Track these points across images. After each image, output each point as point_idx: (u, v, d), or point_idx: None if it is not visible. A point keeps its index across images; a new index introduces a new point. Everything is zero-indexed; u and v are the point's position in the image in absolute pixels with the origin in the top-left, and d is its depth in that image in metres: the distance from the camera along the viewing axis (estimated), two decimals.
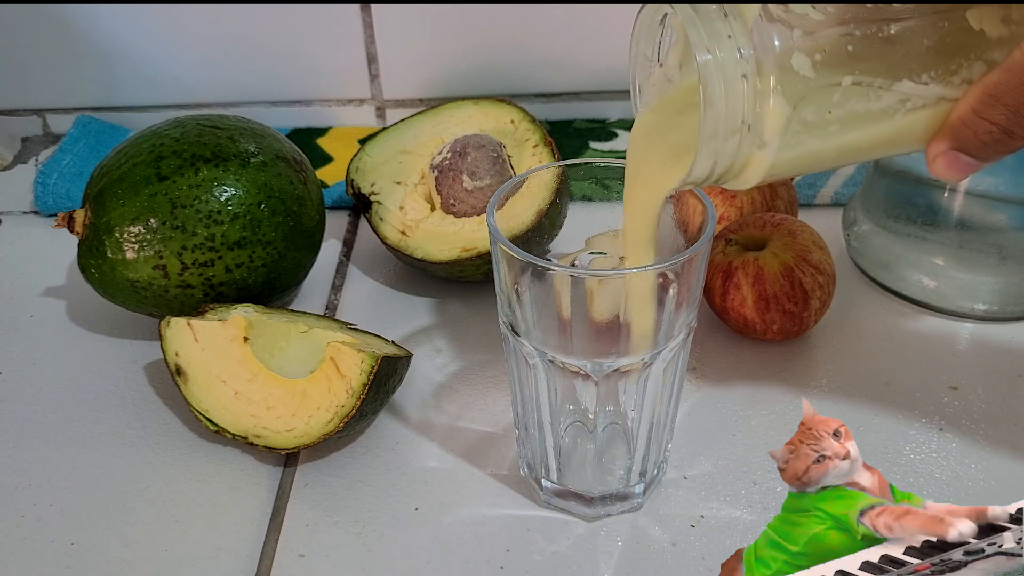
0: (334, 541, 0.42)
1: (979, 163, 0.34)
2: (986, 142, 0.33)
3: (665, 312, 0.39)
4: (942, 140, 0.34)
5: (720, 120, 0.32)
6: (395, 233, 0.55)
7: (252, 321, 0.46)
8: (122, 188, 0.48)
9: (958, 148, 0.33)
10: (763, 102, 0.32)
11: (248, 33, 0.69)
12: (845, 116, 0.32)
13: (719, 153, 0.32)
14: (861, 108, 0.32)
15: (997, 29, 0.33)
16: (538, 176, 0.50)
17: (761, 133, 0.32)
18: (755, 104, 0.32)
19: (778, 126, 0.32)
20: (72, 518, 0.44)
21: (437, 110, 0.59)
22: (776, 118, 0.32)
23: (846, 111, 0.32)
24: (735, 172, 0.33)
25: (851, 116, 0.32)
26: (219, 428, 0.45)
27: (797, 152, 0.33)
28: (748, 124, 0.32)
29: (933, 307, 0.53)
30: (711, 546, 0.41)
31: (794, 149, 0.33)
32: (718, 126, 0.32)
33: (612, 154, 0.68)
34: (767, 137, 0.32)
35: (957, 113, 0.33)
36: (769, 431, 0.46)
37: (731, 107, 0.31)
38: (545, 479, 0.42)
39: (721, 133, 0.32)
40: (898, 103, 0.33)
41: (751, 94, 0.31)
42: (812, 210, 0.62)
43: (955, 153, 0.34)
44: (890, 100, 0.33)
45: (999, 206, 0.51)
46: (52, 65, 0.71)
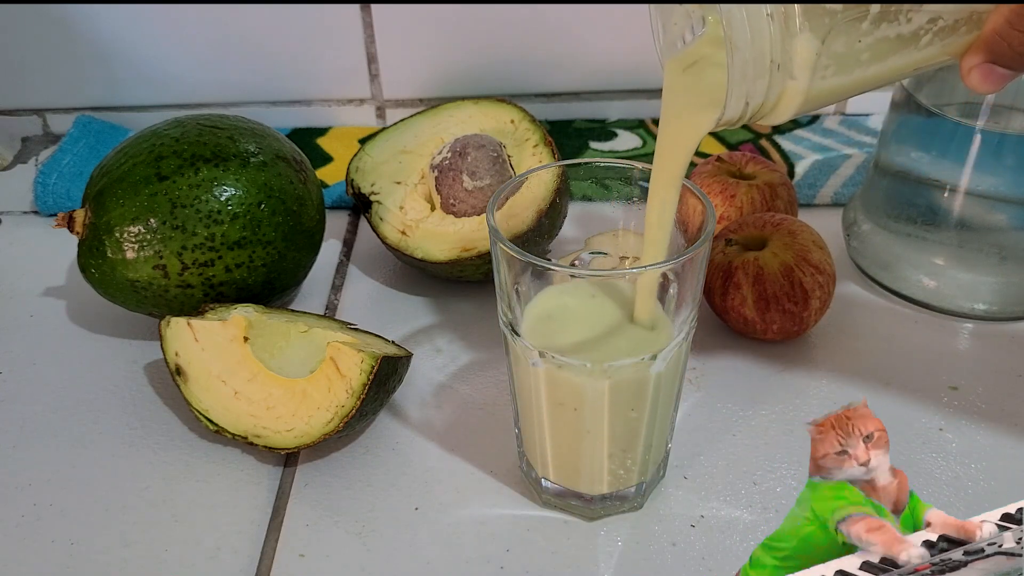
0: (334, 541, 0.42)
1: (1014, 74, 0.34)
2: (1021, 52, 0.33)
3: (666, 310, 0.39)
4: (976, 53, 0.34)
5: (748, 64, 0.31)
6: (395, 233, 0.55)
7: (252, 321, 0.46)
8: (122, 188, 0.48)
9: (993, 60, 0.34)
10: (790, 40, 0.31)
11: (248, 33, 0.69)
12: (875, 43, 0.32)
13: (751, 94, 0.32)
14: (892, 33, 0.32)
15: None
16: (538, 176, 0.50)
17: (791, 70, 0.32)
18: (783, 43, 0.31)
19: (808, 62, 0.31)
20: (72, 518, 0.44)
21: (437, 110, 0.59)
22: (805, 55, 0.31)
23: (876, 38, 0.32)
24: (768, 108, 0.33)
25: (882, 42, 0.32)
26: (219, 428, 0.45)
27: (831, 83, 0.32)
28: (778, 63, 0.32)
29: (933, 307, 0.53)
30: (711, 546, 0.41)
31: (827, 81, 0.32)
32: (747, 69, 0.31)
33: (612, 154, 0.68)
34: (797, 73, 0.32)
35: (991, 25, 0.33)
36: (769, 431, 0.46)
37: (758, 49, 0.31)
38: (545, 479, 0.42)
39: (751, 76, 0.32)
40: (928, 23, 0.33)
41: (778, 34, 0.31)
42: (812, 210, 0.62)
43: (989, 65, 0.34)
44: (920, 21, 0.32)
45: (999, 206, 0.51)
46: (52, 65, 0.71)
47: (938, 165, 0.51)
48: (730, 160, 0.56)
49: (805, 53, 0.31)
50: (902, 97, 0.53)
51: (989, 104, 0.49)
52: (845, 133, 0.69)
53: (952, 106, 0.51)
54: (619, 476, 0.41)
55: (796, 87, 0.32)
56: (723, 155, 0.56)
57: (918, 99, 0.51)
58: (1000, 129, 0.49)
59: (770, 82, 0.32)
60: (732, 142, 0.69)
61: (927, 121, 0.51)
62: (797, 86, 0.32)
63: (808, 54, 0.31)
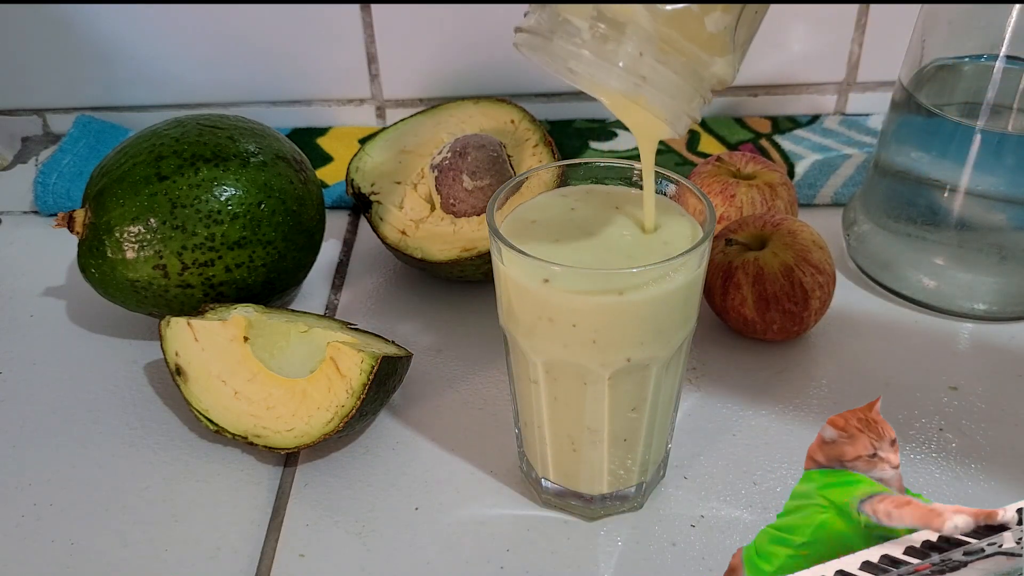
0: (334, 541, 0.42)
1: None
2: None
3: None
4: None
5: (675, 112, 0.34)
6: (395, 233, 0.55)
7: (252, 321, 0.46)
8: (122, 188, 0.48)
9: None
10: (707, 75, 0.34)
11: (248, 33, 0.69)
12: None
13: (690, 112, 0.34)
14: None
15: None
16: (538, 176, 0.50)
17: (715, 81, 0.34)
18: (701, 85, 0.34)
19: (730, 71, 0.34)
20: (72, 518, 0.44)
21: (437, 110, 0.59)
22: (726, 70, 0.34)
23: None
24: (711, 93, 0.35)
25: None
26: (219, 428, 0.45)
27: (746, 35, 0.34)
28: (702, 96, 0.34)
29: (933, 307, 0.53)
30: (711, 546, 0.41)
31: (746, 44, 0.35)
32: (677, 113, 0.34)
33: (612, 154, 0.68)
34: (724, 77, 0.34)
35: None
36: (769, 431, 0.46)
37: (680, 104, 0.34)
38: (545, 479, 0.42)
39: (683, 111, 0.34)
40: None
41: (694, 83, 0.34)
42: (812, 210, 0.62)
43: None
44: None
45: (999, 206, 0.51)
46: (52, 65, 0.71)
47: (938, 165, 0.51)
48: (730, 160, 0.56)
49: (725, 68, 0.34)
50: (902, 97, 0.53)
51: (989, 104, 0.49)
52: (845, 133, 0.69)
53: (952, 106, 0.51)
54: (619, 476, 0.41)
55: (728, 71, 0.34)
56: (723, 155, 0.56)
57: (918, 99, 0.51)
58: (1000, 129, 0.49)
59: (704, 97, 0.34)
60: (732, 142, 0.69)
61: (927, 121, 0.51)
62: (728, 71, 0.34)
63: (729, 67, 0.34)
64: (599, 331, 0.36)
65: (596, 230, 0.38)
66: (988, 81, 0.49)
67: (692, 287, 0.37)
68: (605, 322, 0.36)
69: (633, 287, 0.35)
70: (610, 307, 0.35)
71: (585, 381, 0.38)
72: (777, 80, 0.71)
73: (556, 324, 0.36)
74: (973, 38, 0.50)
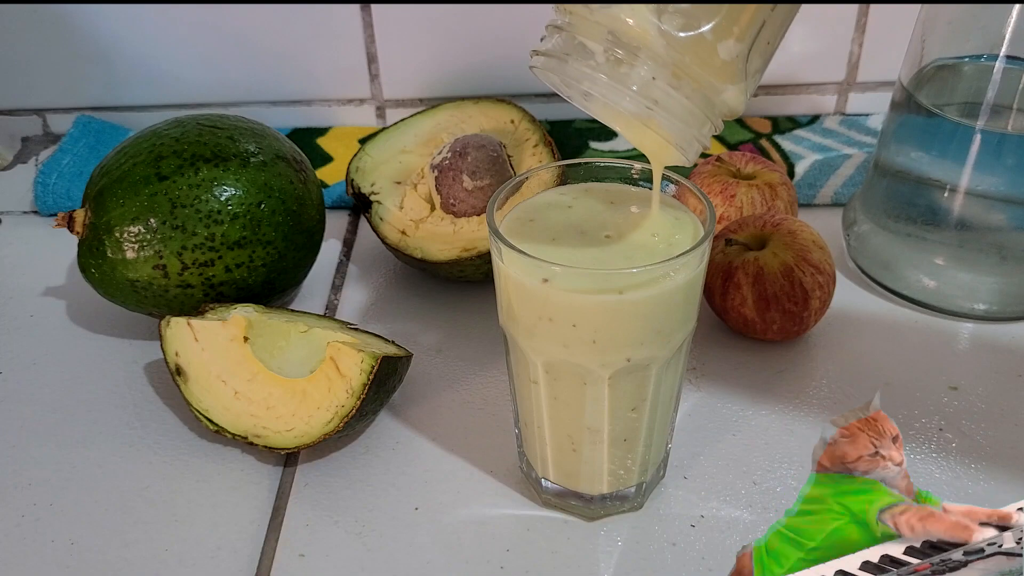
0: (334, 541, 0.42)
1: None
2: None
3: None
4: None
5: (686, 137, 0.34)
6: (395, 233, 0.55)
7: (252, 321, 0.46)
8: (122, 188, 0.48)
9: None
10: (718, 102, 0.34)
11: (248, 33, 0.69)
12: (778, 31, 0.34)
13: (700, 137, 0.35)
14: (787, 15, 0.34)
15: None
16: (538, 176, 0.50)
17: (726, 109, 0.35)
18: (712, 111, 0.34)
19: (741, 99, 0.34)
20: (72, 518, 0.44)
21: (437, 110, 0.59)
22: (737, 97, 0.34)
23: (776, 28, 0.34)
24: (722, 121, 0.35)
25: (782, 26, 0.34)
26: (219, 428, 0.45)
27: (757, 66, 0.35)
28: (712, 122, 0.35)
29: (933, 307, 0.53)
30: (711, 546, 0.41)
31: (758, 74, 0.35)
32: (688, 138, 0.34)
33: (612, 154, 0.68)
34: (735, 106, 0.34)
35: None
36: (769, 431, 0.46)
37: (691, 129, 0.34)
38: (545, 479, 0.42)
39: (693, 136, 0.34)
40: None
41: (705, 109, 0.34)
42: (812, 210, 0.62)
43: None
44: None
45: (999, 206, 0.51)
46: (52, 65, 0.71)
47: (938, 165, 0.51)
48: (730, 160, 0.56)
49: (736, 96, 0.34)
50: (902, 97, 0.53)
51: (989, 104, 0.49)
52: (845, 133, 0.69)
53: (952, 106, 0.51)
54: (619, 476, 0.41)
55: (738, 99, 0.35)
56: (723, 155, 0.56)
57: (918, 99, 0.51)
58: (1000, 129, 0.49)
59: (714, 120, 0.35)
60: (732, 142, 0.69)
61: (927, 121, 0.51)
62: (740, 99, 0.35)
63: (739, 95, 0.34)
64: (599, 331, 0.36)
65: (596, 230, 0.39)
66: (988, 81, 0.49)
67: (692, 287, 0.37)
68: (605, 322, 0.36)
69: (633, 287, 0.35)
70: (610, 307, 0.35)
71: (585, 381, 0.38)
72: (777, 80, 0.71)
73: (556, 324, 0.36)
74: (973, 38, 0.50)
